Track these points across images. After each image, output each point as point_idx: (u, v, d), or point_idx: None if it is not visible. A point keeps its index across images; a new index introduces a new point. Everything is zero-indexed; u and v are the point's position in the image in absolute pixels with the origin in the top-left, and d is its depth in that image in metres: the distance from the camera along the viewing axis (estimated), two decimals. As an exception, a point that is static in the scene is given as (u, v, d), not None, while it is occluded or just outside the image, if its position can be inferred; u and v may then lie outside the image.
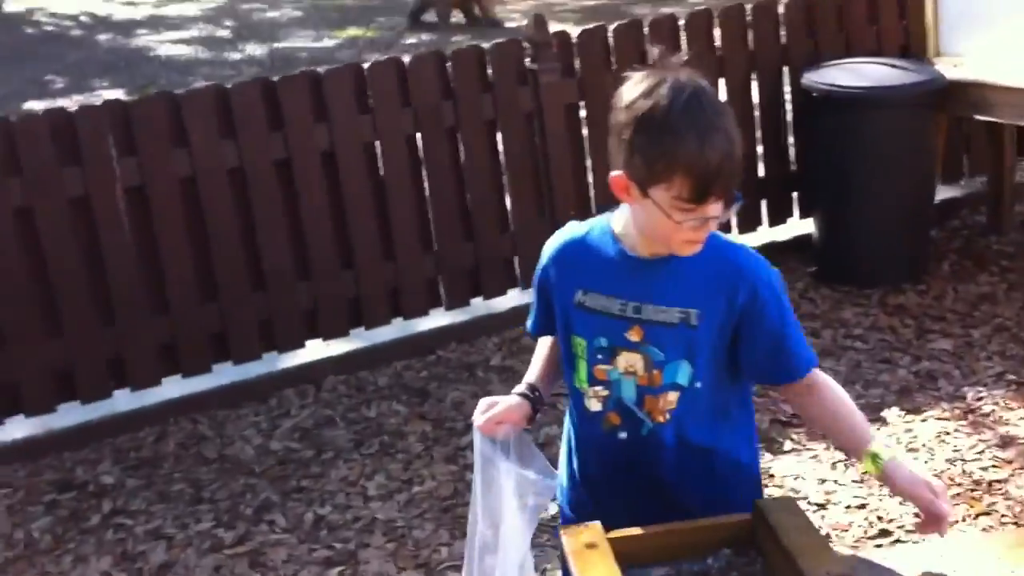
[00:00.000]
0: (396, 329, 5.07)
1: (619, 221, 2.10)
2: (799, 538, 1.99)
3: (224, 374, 4.75)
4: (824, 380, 2.11)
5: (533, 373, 2.34)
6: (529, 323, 2.30)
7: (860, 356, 4.65)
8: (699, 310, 2.04)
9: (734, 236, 5.56)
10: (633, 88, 1.95)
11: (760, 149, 5.62)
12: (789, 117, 5.71)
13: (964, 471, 3.84)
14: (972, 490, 3.73)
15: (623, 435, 2.17)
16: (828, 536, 3.42)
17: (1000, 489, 3.73)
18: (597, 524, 2.09)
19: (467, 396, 4.59)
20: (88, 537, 3.86)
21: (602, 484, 2.24)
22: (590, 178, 5.32)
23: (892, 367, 4.57)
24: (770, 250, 4.72)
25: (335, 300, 4.89)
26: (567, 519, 2.34)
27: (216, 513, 3.92)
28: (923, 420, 4.17)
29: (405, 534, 3.69)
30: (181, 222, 4.56)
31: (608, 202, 2.11)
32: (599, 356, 2.13)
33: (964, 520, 3.57)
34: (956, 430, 4.09)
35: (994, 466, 3.86)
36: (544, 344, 2.34)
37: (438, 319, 5.16)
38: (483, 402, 2.22)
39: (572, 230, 2.18)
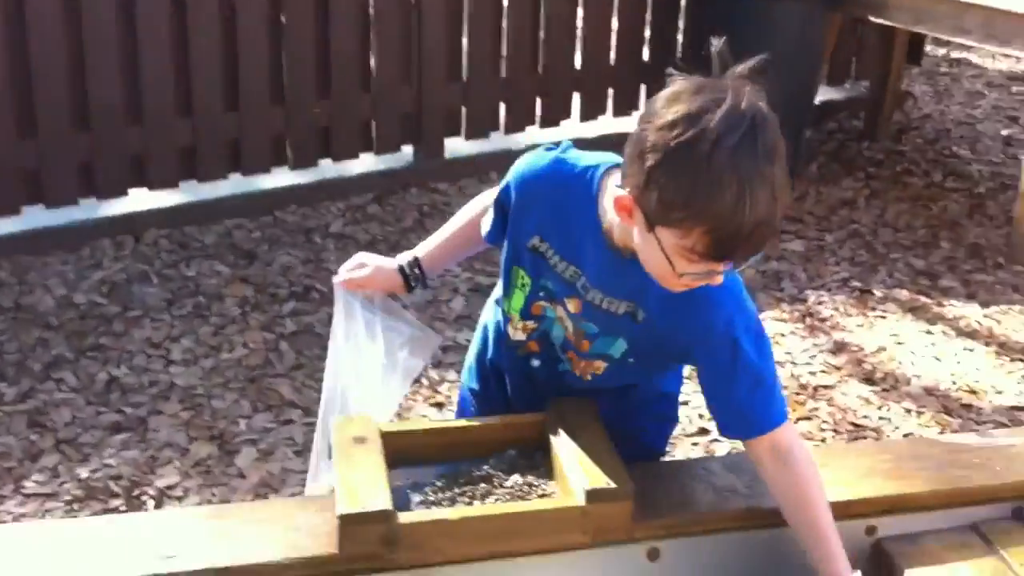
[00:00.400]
0: (233, 185, 4.72)
1: (607, 207, 1.72)
2: (585, 441, 1.81)
3: (36, 218, 4.36)
4: (792, 448, 1.76)
5: (427, 247, 2.08)
6: (485, 228, 1.98)
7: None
8: (646, 314, 1.78)
9: (602, 122, 5.35)
10: (677, 104, 1.51)
11: (647, 34, 5.36)
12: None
13: (793, 374, 3.75)
14: (797, 393, 3.65)
15: (536, 363, 1.97)
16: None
17: (825, 395, 3.65)
18: (370, 417, 1.88)
19: (297, 262, 4.32)
20: None
21: (510, 385, 2.07)
22: (464, 42, 4.99)
23: (740, 265, 4.44)
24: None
25: (167, 147, 4.50)
26: (464, 402, 2.21)
27: (1, 367, 3.60)
28: (760, 319, 4.05)
29: (203, 403, 3.44)
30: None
31: (481, 79, 1.77)
32: (541, 294, 1.89)
33: (786, 426, 3.49)
34: (792, 332, 4.00)
35: (823, 371, 3.78)
36: (462, 221, 2.06)
37: (280, 178, 4.82)
38: (353, 259, 2.03)
39: (553, 167, 1.81)
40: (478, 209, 2.04)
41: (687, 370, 2.12)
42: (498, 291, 2.02)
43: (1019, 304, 4.25)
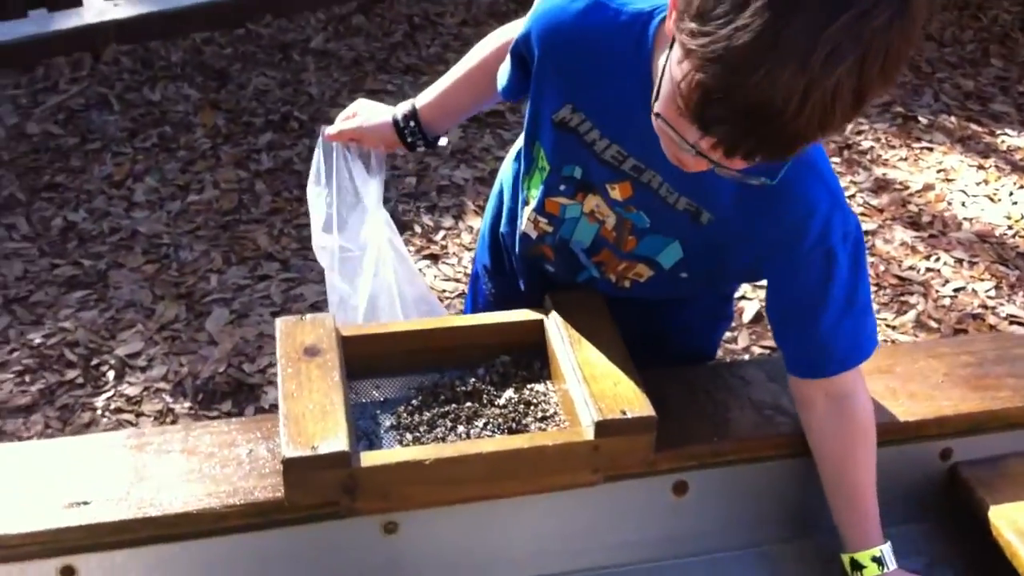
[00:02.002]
0: (200, -7, 4.21)
1: (661, 44, 1.27)
2: (594, 348, 1.46)
3: (-20, 34, 3.89)
4: (856, 392, 1.41)
5: (427, 97, 1.67)
6: (501, 81, 1.54)
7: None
8: (714, 217, 1.36)
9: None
10: None
11: None
12: None
13: (829, 217, 3.36)
14: (834, 240, 3.26)
15: (550, 268, 1.58)
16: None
17: (866, 243, 3.26)
18: (327, 317, 1.51)
19: (274, 85, 3.86)
20: None
21: (522, 281, 1.68)
22: None
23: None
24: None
25: (122, -50, 3.99)
26: (477, 279, 1.85)
27: (-56, 210, 3.23)
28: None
29: (169, 254, 3.08)
30: None
31: None
32: (561, 187, 1.46)
33: (819, 275, 3.12)
34: (828, 168, 3.58)
35: (863, 213, 3.38)
36: (472, 64, 1.62)
37: (254, -15, 4.31)
38: (349, 107, 1.72)
39: (590, 12, 1.34)
40: (495, 50, 1.58)
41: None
42: (519, 144, 1.59)
43: (1082, 132, 3.81)
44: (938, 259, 3.17)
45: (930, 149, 3.68)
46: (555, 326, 1.53)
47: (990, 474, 1.53)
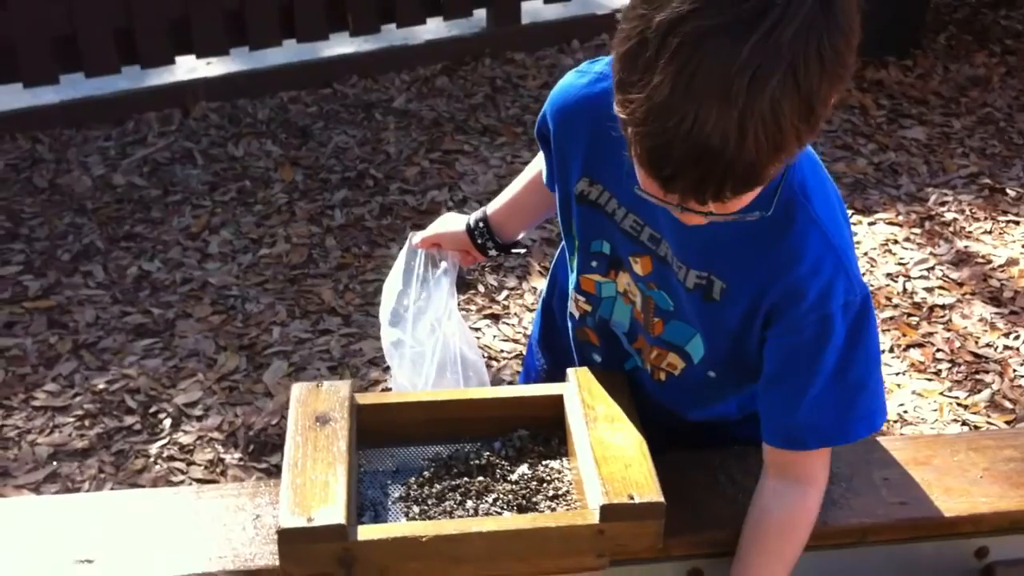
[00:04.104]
0: (288, 53, 4.32)
1: None
2: (610, 428, 1.42)
3: (76, 88, 4.05)
4: (816, 479, 1.37)
5: (499, 202, 1.70)
6: (544, 173, 1.57)
7: (818, 137, 3.95)
8: (725, 284, 1.33)
9: None
10: None
11: None
12: None
13: (905, 290, 3.26)
14: (909, 314, 3.16)
15: (597, 358, 1.56)
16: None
17: (943, 317, 3.16)
18: (344, 385, 1.50)
19: (354, 143, 3.93)
20: None
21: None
22: None
23: (852, 155, 3.89)
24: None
25: (211, 10, 4.11)
26: (530, 355, 1.85)
27: (28, 255, 3.34)
28: (872, 223, 3.54)
29: (236, 306, 3.14)
30: None
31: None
32: (593, 263, 1.46)
33: (891, 350, 3.02)
34: (907, 239, 3.48)
35: (941, 287, 3.27)
36: (532, 174, 1.64)
37: (340, 46, 4.41)
38: (435, 221, 1.78)
39: (594, 86, 1.37)
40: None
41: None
42: None
43: None
44: (1018, 337, 3.03)
45: (1016, 223, 3.55)
46: (574, 402, 1.49)
47: (1029, 578, 1.44)
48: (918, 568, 1.48)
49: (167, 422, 2.74)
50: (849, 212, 3.52)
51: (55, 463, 2.62)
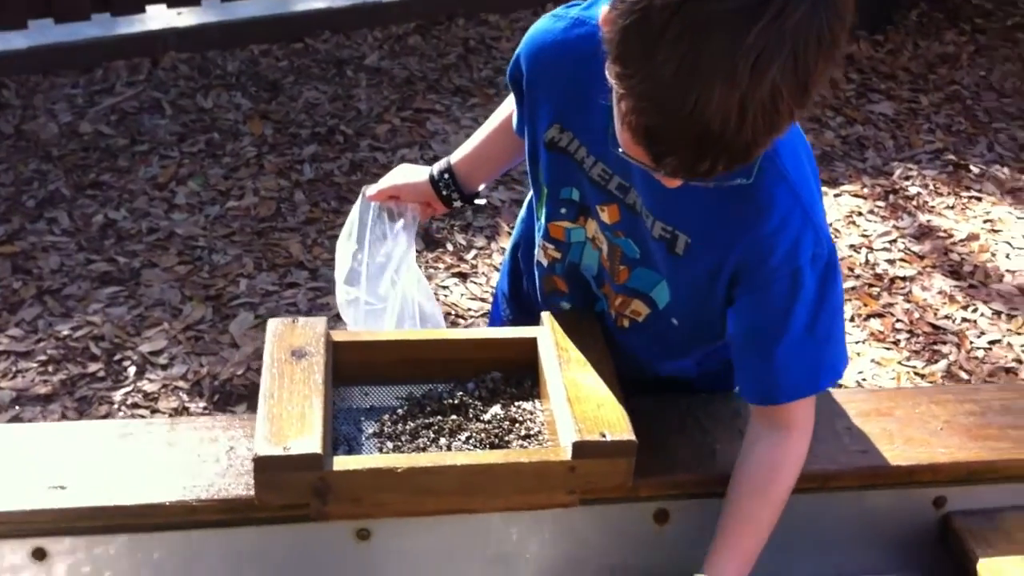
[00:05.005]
0: (260, 6, 4.29)
1: None
2: (584, 368, 1.44)
3: (45, 33, 3.99)
4: (799, 426, 1.38)
5: (463, 151, 1.68)
6: (514, 120, 1.56)
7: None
8: (689, 239, 1.34)
9: None
10: None
11: None
12: None
13: (868, 261, 3.31)
14: (870, 285, 3.21)
15: (566, 306, 1.57)
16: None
17: (903, 289, 3.21)
18: (320, 321, 1.51)
19: (325, 99, 3.91)
20: None
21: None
22: None
23: (820, 128, 3.93)
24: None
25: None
26: (497, 305, 1.84)
27: (-8, 201, 3.31)
28: (837, 195, 3.59)
29: (203, 257, 3.12)
30: None
31: None
32: (562, 211, 1.47)
33: (852, 320, 3.07)
34: (871, 211, 3.53)
35: (903, 260, 3.33)
36: (500, 117, 1.63)
37: (313, 0, 4.38)
38: (389, 172, 1.75)
39: (571, 31, 1.36)
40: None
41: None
42: None
43: None
44: (975, 310, 3.10)
45: (979, 199, 3.61)
46: (547, 345, 1.51)
47: (983, 526, 1.48)
48: (877, 515, 1.51)
49: (131, 370, 2.73)
50: (815, 183, 3.58)
51: (17, 407, 2.60)
